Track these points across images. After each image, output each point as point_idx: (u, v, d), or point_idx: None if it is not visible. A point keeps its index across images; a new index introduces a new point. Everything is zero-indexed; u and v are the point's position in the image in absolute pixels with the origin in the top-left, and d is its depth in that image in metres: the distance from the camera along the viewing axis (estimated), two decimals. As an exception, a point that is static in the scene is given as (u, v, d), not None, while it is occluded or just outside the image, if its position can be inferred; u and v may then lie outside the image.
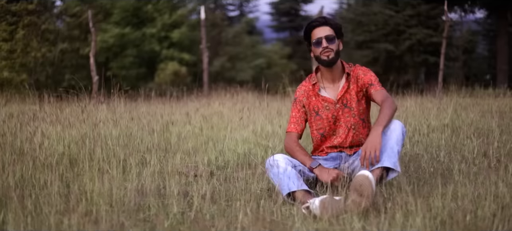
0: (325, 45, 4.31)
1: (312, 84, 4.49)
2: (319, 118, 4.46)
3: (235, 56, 27.36)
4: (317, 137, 4.51)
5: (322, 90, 4.48)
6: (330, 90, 4.47)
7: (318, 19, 4.42)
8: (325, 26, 4.38)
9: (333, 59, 4.33)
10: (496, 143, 5.72)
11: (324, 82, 4.49)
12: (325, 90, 4.48)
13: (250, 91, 10.92)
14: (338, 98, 4.42)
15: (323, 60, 4.34)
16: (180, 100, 8.59)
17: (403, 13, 24.96)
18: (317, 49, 4.36)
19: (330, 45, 4.32)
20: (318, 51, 4.34)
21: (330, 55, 4.31)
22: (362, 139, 4.43)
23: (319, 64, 4.45)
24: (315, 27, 4.39)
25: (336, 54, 4.34)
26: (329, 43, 4.33)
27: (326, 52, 4.31)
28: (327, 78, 4.47)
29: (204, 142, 5.46)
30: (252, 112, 5.95)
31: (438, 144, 5.96)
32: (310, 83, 4.52)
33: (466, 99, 11.72)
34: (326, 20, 4.42)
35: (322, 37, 4.33)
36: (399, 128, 4.04)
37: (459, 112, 8.01)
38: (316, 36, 4.36)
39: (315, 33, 4.38)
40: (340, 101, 4.42)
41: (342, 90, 4.42)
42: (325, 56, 4.32)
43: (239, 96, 8.18)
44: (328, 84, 4.48)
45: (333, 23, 4.42)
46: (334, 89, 4.46)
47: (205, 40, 15.27)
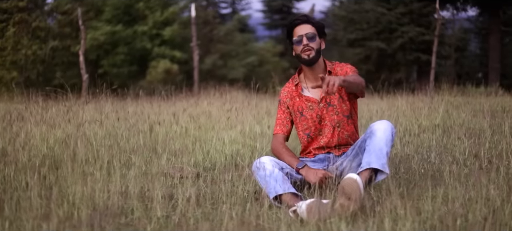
0: (306, 42, 4.24)
1: (295, 85, 4.43)
2: (304, 118, 4.38)
3: (226, 54, 27.30)
4: (303, 138, 4.42)
5: (305, 90, 4.41)
6: (313, 90, 4.40)
7: (299, 17, 4.36)
8: (306, 24, 4.30)
9: (313, 58, 4.26)
10: (488, 144, 5.65)
11: (307, 82, 4.42)
12: (308, 90, 4.41)
13: (241, 90, 10.83)
14: (321, 98, 4.35)
15: (303, 59, 4.27)
16: (170, 99, 8.49)
17: (395, 11, 24.92)
18: (297, 47, 4.29)
19: (310, 43, 4.24)
20: (299, 49, 4.27)
21: (310, 53, 4.24)
22: (348, 137, 4.34)
23: (300, 63, 4.36)
24: (296, 25, 4.31)
25: (317, 53, 4.27)
26: (310, 41, 4.25)
27: (306, 51, 4.24)
28: (310, 78, 4.39)
29: (191, 143, 5.36)
30: (241, 113, 5.85)
31: (429, 145, 5.88)
32: (293, 84, 4.46)
33: (457, 98, 11.66)
34: (308, 18, 4.35)
35: (303, 35, 4.26)
36: (388, 128, 3.96)
37: (450, 112, 7.93)
38: (297, 34, 4.29)
39: (296, 31, 4.30)
40: (323, 100, 4.35)
41: None
42: (305, 54, 4.25)
43: (229, 95, 8.07)
44: (311, 84, 4.40)
45: (315, 22, 4.35)
46: (317, 88, 4.37)
47: (195, 38, 15.18)
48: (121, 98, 9.41)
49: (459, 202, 3.66)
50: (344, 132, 4.35)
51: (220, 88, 12.00)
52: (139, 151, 5.08)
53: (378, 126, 3.98)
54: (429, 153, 5.50)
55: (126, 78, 23.20)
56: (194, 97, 8.06)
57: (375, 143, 3.89)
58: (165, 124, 5.95)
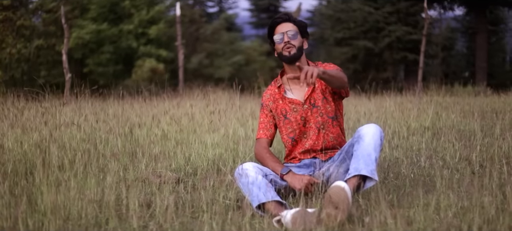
0: (287, 39, 4.11)
1: (277, 87, 4.28)
2: (288, 121, 4.20)
3: (213, 53, 27.09)
4: (288, 142, 4.23)
5: (288, 92, 4.25)
6: (297, 91, 4.24)
7: (281, 16, 4.23)
8: (288, 23, 4.18)
9: (294, 55, 4.10)
10: (479, 147, 5.48)
11: (290, 84, 4.26)
12: (292, 92, 4.25)
13: (226, 89, 10.63)
14: (305, 99, 4.18)
15: (284, 56, 4.13)
16: (153, 99, 8.27)
17: (382, 10, 24.83)
18: (279, 45, 4.15)
19: (292, 41, 4.11)
20: (280, 47, 4.14)
21: (291, 50, 4.10)
22: (334, 139, 4.17)
23: (282, 62, 4.21)
24: (277, 24, 4.19)
25: (298, 51, 4.13)
26: (291, 38, 4.12)
27: (287, 48, 4.10)
28: (293, 79, 4.20)
29: (172, 146, 5.14)
30: (224, 115, 5.63)
31: (419, 148, 5.71)
32: (275, 86, 4.31)
33: (446, 98, 11.54)
34: (289, 16, 4.22)
35: (284, 32, 4.13)
36: (377, 133, 3.77)
37: (439, 113, 7.77)
38: (278, 32, 4.16)
39: (278, 30, 4.18)
40: (307, 101, 4.18)
41: (308, 90, 4.18)
42: (287, 51, 4.11)
43: (213, 96, 7.84)
44: (294, 86, 4.24)
45: (297, 20, 4.23)
46: (301, 90, 4.22)
47: (180, 37, 14.93)
48: (104, 98, 9.17)
49: (452, 211, 3.48)
50: (329, 134, 4.17)
51: (205, 88, 11.81)
52: (117, 156, 4.85)
53: (366, 130, 3.79)
54: (418, 156, 5.32)
55: (111, 77, 22.93)
56: (178, 98, 7.82)
57: (363, 148, 3.70)
58: (146, 126, 5.73)
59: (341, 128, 4.26)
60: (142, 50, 23.37)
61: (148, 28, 23.61)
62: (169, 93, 9.30)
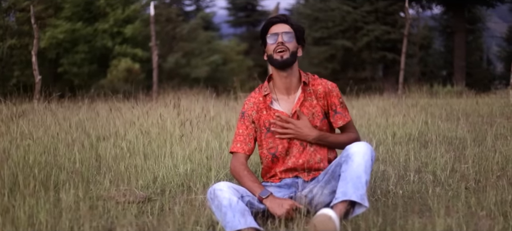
0: (281, 40, 3.67)
1: (264, 95, 3.80)
2: (271, 135, 3.76)
3: (190, 52, 26.77)
4: (268, 158, 3.79)
5: (275, 102, 3.79)
6: (284, 102, 3.79)
7: (278, 16, 3.80)
8: (285, 24, 3.75)
9: (287, 60, 3.67)
10: (471, 158, 5.12)
11: (277, 93, 3.81)
12: (278, 102, 3.79)
13: (202, 93, 10.20)
14: (292, 112, 3.74)
15: (275, 60, 3.68)
16: (125, 104, 7.79)
17: (360, 9, 24.60)
18: (271, 46, 3.71)
19: (286, 43, 3.67)
20: (272, 48, 3.69)
21: (284, 54, 3.66)
22: (320, 160, 3.73)
23: (272, 67, 3.76)
24: (274, 23, 3.76)
25: (291, 56, 3.68)
26: (286, 40, 3.68)
27: (280, 50, 3.66)
28: (281, 89, 3.79)
29: (140, 161, 4.69)
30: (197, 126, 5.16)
31: (406, 159, 5.32)
32: (260, 94, 3.83)
33: (428, 100, 11.23)
34: (287, 18, 3.78)
35: (279, 32, 3.69)
36: (368, 152, 3.35)
37: (425, 119, 7.41)
38: (273, 31, 3.73)
39: (272, 29, 3.74)
40: (295, 115, 3.73)
41: (297, 103, 3.74)
42: (279, 55, 3.67)
43: (186, 101, 7.37)
44: (282, 96, 3.80)
45: (295, 24, 3.78)
46: (289, 101, 3.78)
47: (155, 38, 14.43)
48: (75, 101, 8.69)
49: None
50: (316, 155, 3.73)
51: (180, 91, 11.36)
52: (77, 173, 4.39)
53: (355, 148, 3.37)
54: (407, 170, 4.94)
55: (86, 78, 22.72)
56: (149, 103, 7.35)
57: (353, 170, 3.28)
58: (112, 138, 5.27)
59: (329, 151, 3.82)
60: (117, 50, 23.18)
61: (124, 27, 23.45)
62: (141, 97, 8.84)
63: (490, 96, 13.64)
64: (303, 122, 3.67)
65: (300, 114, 3.69)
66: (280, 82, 3.76)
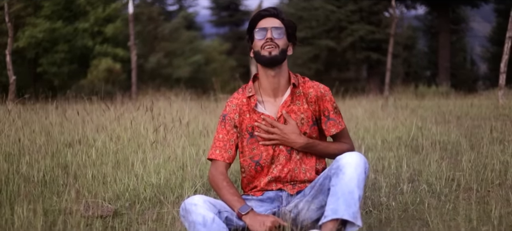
0: (270, 36, 3.27)
1: (248, 96, 3.38)
2: (254, 141, 3.35)
3: (172, 52, 26.42)
4: (250, 166, 3.38)
5: (260, 105, 3.38)
6: (270, 105, 3.38)
7: (269, 9, 3.41)
8: (275, 19, 3.37)
9: (276, 57, 3.27)
10: (465, 164, 4.78)
11: (262, 95, 3.40)
12: (264, 105, 3.38)
13: (180, 95, 9.80)
14: (278, 116, 3.33)
15: (263, 57, 3.28)
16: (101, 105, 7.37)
17: (345, 8, 24.35)
18: (259, 41, 3.30)
19: (276, 39, 3.28)
20: (260, 44, 3.29)
21: (273, 51, 3.26)
22: (306, 171, 3.35)
23: (259, 65, 3.36)
24: (263, 17, 3.38)
25: (281, 53, 3.29)
26: (276, 36, 3.29)
27: (268, 46, 3.26)
28: (267, 90, 3.37)
29: (110, 170, 4.27)
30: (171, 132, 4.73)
31: (397, 166, 4.96)
32: (244, 95, 3.42)
33: (415, 101, 10.94)
34: (278, 12, 3.40)
35: (269, 27, 3.31)
36: (361, 164, 2.97)
37: (414, 122, 7.07)
38: (262, 25, 3.34)
39: (261, 23, 3.35)
40: (281, 119, 3.33)
41: (283, 105, 3.34)
42: (267, 51, 3.26)
43: (164, 104, 6.96)
44: (268, 98, 3.38)
45: (286, 19, 3.40)
46: (276, 104, 3.37)
47: (134, 37, 13.99)
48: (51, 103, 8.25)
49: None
50: (302, 164, 3.34)
51: (158, 93, 10.98)
52: (38, 182, 3.97)
53: (347, 159, 2.98)
54: (399, 179, 4.58)
55: (66, 78, 22.42)
56: (124, 105, 6.93)
57: (344, 184, 2.89)
58: (82, 143, 4.85)
59: (316, 160, 3.41)
60: (98, 50, 22.88)
61: (104, 27, 23.14)
62: (119, 99, 8.43)
63: (478, 97, 13.43)
64: (290, 126, 3.29)
65: (288, 118, 3.30)
66: (266, 82, 3.36)
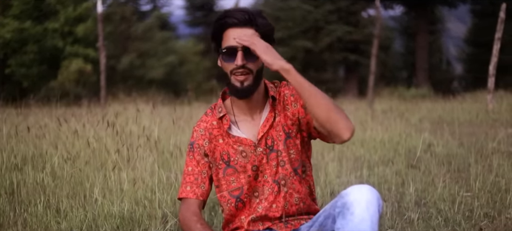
0: (241, 63, 2.48)
1: (219, 118, 2.66)
2: (232, 171, 2.64)
3: (145, 52, 25.93)
4: (230, 203, 2.68)
5: (234, 127, 2.66)
6: (247, 125, 2.66)
7: (237, 15, 2.52)
8: (247, 29, 2.53)
9: (249, 88, 2.53)
10: (473, 183, 4.23)
11: (237, 114, 2.68)
12: (238, 126, 2.66)
13: (153, 99, 9.17)
14: (259, 138, 2.62)
15: (233, 86, 2.54)
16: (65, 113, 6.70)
17: (322, 8, 23.97)
18: (227, 64, 2.53)
19: (249, 63, 2.50)
20: (229, 68, 2.53)
21: (245, 80, 2.51)
22: (300, 200, 2.65)
23: (228, 89, 2.63)
24: (230, 26, 2.53)
25: (256, 79, 2.54)
26: (249, 59, 2.50)
27: (240, 75, 2.50)
28: (242, 107, 2.65)
29: (64, 197, 3.60)
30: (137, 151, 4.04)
31: (396, 183, 4.36)
32: (214, 117, 2.68)
33: (402, 106, 10.48)
34: (251, 17, 2.53)
35: (239, 47, 2.49)
36: (373, 201, 2.31)
37: (404, 128, 6.53)
38: (229, 42, 2.51)
39: (228, 36, 2.52)
40: (263, 142, 2.62)
41: (265, 124, 2.63)
42: (238, 81, 2.51)
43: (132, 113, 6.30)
44: (244, 117, 2.66)
45: (261, 24, 2.55)
46: (254, 124, 2.65)
47: (102, 37, 13.28)
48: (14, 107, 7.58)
49: None
50: (293, 194, 2.63)
51: (129, 97, 10.38)
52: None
53: (355, 195, 2.32)
54: (402, 200, 3.99)
55: (35, 79, 21.98)
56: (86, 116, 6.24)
57: (354, 228, 2.26)
58: (34, 162, 4.17)
59: (310, 185, 2.76)
60: (68, 50, 22.65)
61: (75, 27, 22.91)
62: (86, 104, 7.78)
63: (464, 101, 13.04)
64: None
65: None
66: (240, 101, 2.63)
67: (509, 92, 12.97)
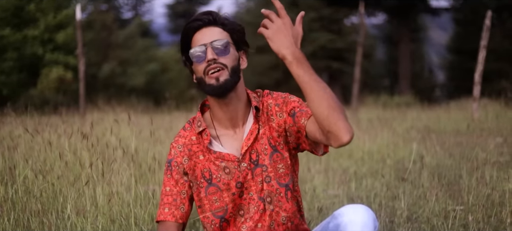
0: (211, 57, 2.33)
1: (198, 132, 2.45)
2: (215, 190, 2.42)
3: (126, 60, 25.69)
4: (214, 224, 2.46)
5: (215, 141, 2.45)
6: (229, 139, 2.45)
7: (200, 17, 2.42)
8: (213, 27, 2.41)
9: (226, 83, 2.35)
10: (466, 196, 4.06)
11: (217, 128, 2.47)
12: (220, 140, 2.45)
13: (133, 108, 8.94)
14: (243, 152, 2.41)
15: (208, 86, 2.35)
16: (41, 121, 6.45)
17: (305, 16, 23.88)
18: (199, 65, 2.36)
19: (221, 57, 2.35)
20: (201, 69, 2.34)
21: (220, 75, 2.33)
22: (287, 219, 2.44)
23: (206, 93, 2.42)
24: (196, 30, 2.40)
25: (232, 74, 2.37)
26: (220, 53, 2.36)
27: (213, 71, 2.33)
28: (223, 121, 2.44)
29: (34, 213, 3.35)
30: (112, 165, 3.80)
31: (387, 201, 4.18)
32: (193, 131, 2.49)
33: (388, 114, 10.35)
34: (215, 17, 2.42)
35: (207, 43, 2.36)
36: (369, 223, 2.11)
37: (391, 138, 6.36)
38: (198, 42, 2.38)
39: (196, 39, 2.39)
40: (247, 156, 2.42)
41: (249, 137, 2.42)
42: (212, 78, 2.33)
43: (109, 123, 6.07)
44: (225, 131, 2.45)
45: (227, 22, 2.44)
46: (236, 137, 2.45)
47: (82, 44, 13.03)
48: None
49: None
50: (280, 213, 2.42)
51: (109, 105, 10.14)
52: None
53: (350, 217, 2.13)
54: (393, 215, 3.80)
55: (15, 87, 21.67)
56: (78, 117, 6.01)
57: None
58: (5, 176, 3.92)
59: (298, 202, 2.54)
60: (48, 58, 22.26)
61: (55, 34, 22.43)
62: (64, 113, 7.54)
63: (449, 109, 12.98)
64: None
65: None
66: (220, 112, 2.43)
67: (493, 101, 12.87)
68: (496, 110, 11.21)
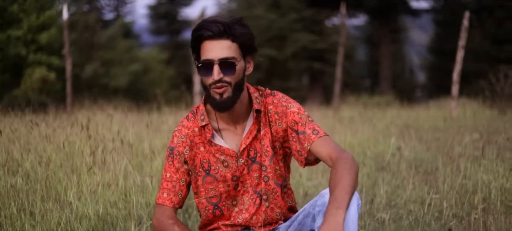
0: (217, 77, 2.44)
1: (201, 126, 2.62)
2: (212, 180, 2.63)
3: (109, 61, 25.66)
4: (208, 210, 2.69)
5: (217, 135, 2.63)
6: (230, 134, 2.63)
7: (212, 27, 2.44)
8: (224, 40, 2.46)
9: (228, 100, 2.48)
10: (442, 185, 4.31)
11: (219, 122, 2.63)
12: (221, 134, 2.63)
13: (120, 106, 9.11)
14: (241, 149, 2.61)
15: (212, 99, 2.49)
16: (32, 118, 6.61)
17: (287, 17, 24.03)
18: (205, 78, 2.49)
19: (226, 76, 2.45)
20: (207, 82, 2.48)
21: (225, 93, 2.46)
22: (281, 214, 2.69)
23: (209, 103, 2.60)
24: (206, 39, 2.46)
25: (236, 91, 2.48)
26: (226, 72, 2.45)
27: (217, 89, 2.46)
28: (224, 117, 2.61)
29: (38, 200, 3.58)
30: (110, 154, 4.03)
31: (368, 189, 4.43)
32: (196, 123, 2.64)
33: (369, 112, 10.57)
34: (226, 29, 2.44)
35: (215, 60, 2.45)
36: (353, 201, 2.33)
37: (372, 133, 6.61)
38: (206, 56, 2.46)
39: (205, 50, 2.47)
40: (245, 153, 2.62)
41: (248, 136, 2.61)
42: (217, 94, 2.47)
43: (102, 117, 6.29)
44: (227, 126, 2.63)
45: (239, 35, 2.47)
46: (237, 133, 2.63)
47: (68, 44, 13.17)
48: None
49: None
50: (275, 209, 2.67)
51: (95, 105, 10.28)
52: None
53: None
54: (373, 203, 4.05)
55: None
56: (57, 120, 6.21)
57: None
58: (6, 167, 4.14)
59: (292, 199, 2.78)
60: (31, 58, 22.04)
61: (39, 34, 22.28)
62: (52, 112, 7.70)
63: (428, 108, 13.23)
64: None
65: None
66: (221, 113, 2.60)
67: (472, 99, 13.19)
68: (474, 108, 11.52)
